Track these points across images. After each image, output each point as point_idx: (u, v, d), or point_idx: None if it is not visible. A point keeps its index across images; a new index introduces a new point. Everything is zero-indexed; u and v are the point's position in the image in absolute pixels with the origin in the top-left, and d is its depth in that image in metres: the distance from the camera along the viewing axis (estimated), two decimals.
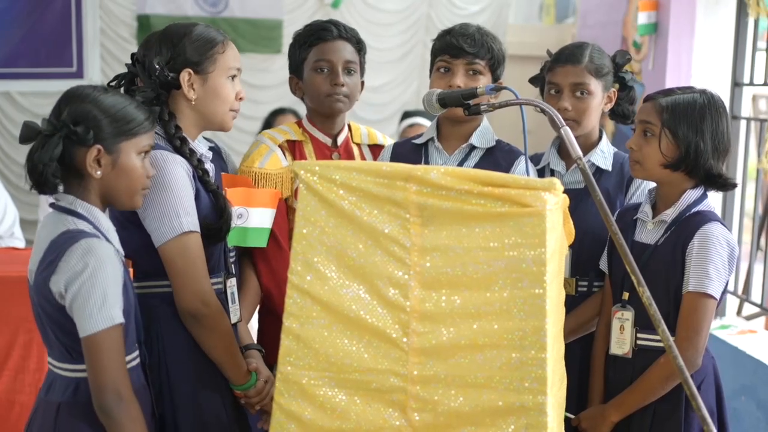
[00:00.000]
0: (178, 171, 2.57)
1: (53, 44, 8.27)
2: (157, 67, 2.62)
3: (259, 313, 3.09)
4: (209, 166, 2.74)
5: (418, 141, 3.04)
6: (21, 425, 3.54)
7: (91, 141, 2.31)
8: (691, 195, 2.74)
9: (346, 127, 3.19)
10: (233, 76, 2.71)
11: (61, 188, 2.35)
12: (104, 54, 8.50)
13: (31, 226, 5.65)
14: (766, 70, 5.02)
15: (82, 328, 2.26)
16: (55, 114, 2.34)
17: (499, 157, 2.96)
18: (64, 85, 2.47)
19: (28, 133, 2.32)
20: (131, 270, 2.51)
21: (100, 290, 2.25)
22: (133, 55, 2.74)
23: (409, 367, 2.14)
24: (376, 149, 3.23)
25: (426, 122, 5.85)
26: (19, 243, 4.73)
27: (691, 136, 2.68)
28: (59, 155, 2.29)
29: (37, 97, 8.16)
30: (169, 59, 2.64)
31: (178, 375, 2.64)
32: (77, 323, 2.27)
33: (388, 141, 3.25)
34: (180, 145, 2.63)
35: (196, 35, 2.66)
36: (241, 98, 2.73)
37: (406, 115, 6.53)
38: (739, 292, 5.23)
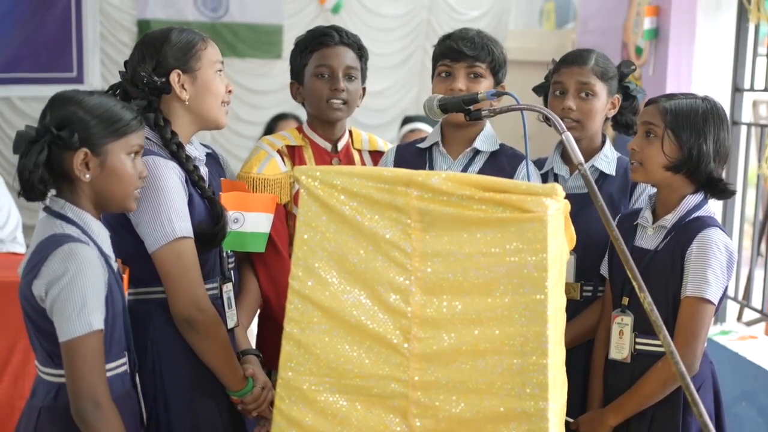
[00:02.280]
0: (170, 176, 2.57)
1: (53, 49, 8.27)
2: (143, 75, 2.62)
3: (259, 318, 3.08)
4: (204, 171, 2.74)
5: (423, 145, 3.04)
6: None
7: (76, 144, 2.29)
8: (691, 200, 2.74)
9: (347, 133, 3.19)
10: (219, 71, 2.72)
11: (50, 194, 2.34)
12: (104, 59, 8.50)
13: (32, 231, 5.63)
14: (767, 75, 5.01)
15: (60, 332, 2.25)
16: (41, 120, 2.33)
17: (503, 161, 2.96)
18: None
19: (18, 142, 2.31)
20: (126, 277, 2.50)
21: (78, 295, 2.23)
22: (126, 63, 2.74)
23: (410, 373, 2.13)
24: (376, 155, 3.22)
25: (426, 127, 5.84)
26: (21, 248, 4.73)
27: (694, 138, 2.69)
28: (45, 161, 2.27)
29: (38, 102, 8.15)
30: (155, 65, 2.64)
31: (173, 381, 2.63)
32: (56, 328, 2.26)
33: (389, 147, 3.24)
34: (176, 151, 2.63)
35: (176, 38, 2.67)
36: (230, 90, 2.74)
37: (407, 120, 6.52)
38: (740, 297, 5.22)
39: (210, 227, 2.64)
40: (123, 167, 2.36)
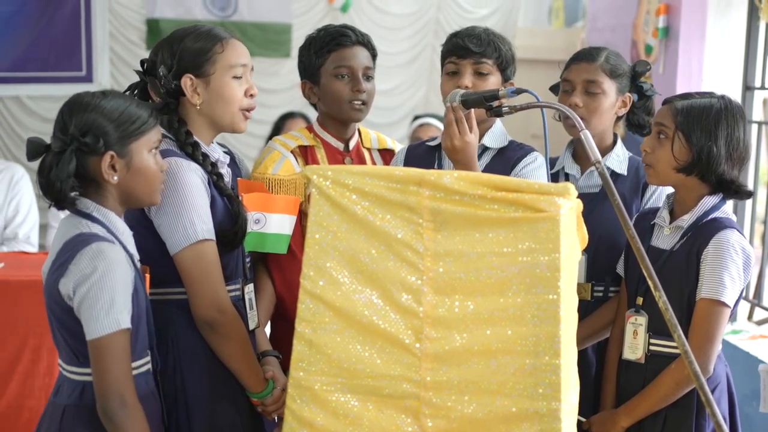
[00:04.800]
0: (192, 178, 2.56)
1: (62, 48, 8.27)
2: (162, 76, 2.62)
3: (272, 318, 3.08)
4: (225, 171, 2.72)
5: (433, 143, 3.02)
6: (30, 429, 3.55)
7: (102, 149, 2.32)
8: (709, 201, 2.72)
9: (357, 132, 3.18)
10: (237, 76, 2.64)
11: (78, 200, 2.36)
12: (114, 58, 8.51)
13: (40, 229, 5.64)
14: None
15: (88, 330, 2.27)
16: (60, 128, 2.34)
17: (509, 154, 2.94)
18: (73, 89, 2.47)
19: (34, 150, 2.32)
20: (147, 276, 2.50)
21: (108, 294, 2.25)
22: (142, 62, 2.72)
23: (422, 373, 2.12)
24: (385, 154, 3.21)
25: (438, 123, 5.84)
26: (32, 249, 4.73)
27: (704, 140, 2.66)
28: (75, 169, 2.29)
29: (47, 101, 8.16)
30: (171, 66, 2.62)
31: (193, 382, 2.62)
32: (84, 326, 2.28)
33: (398, 146, 3.23)
34: (192, 152, 2.62)
35: (191, 40, 2.62)
36: (252, 95, 2.68)
37: (417, 118, 6.53)
38: (750, 296, 5.20)
39: (230, 227, 2.63)
40: (148, 165, 2.39)
